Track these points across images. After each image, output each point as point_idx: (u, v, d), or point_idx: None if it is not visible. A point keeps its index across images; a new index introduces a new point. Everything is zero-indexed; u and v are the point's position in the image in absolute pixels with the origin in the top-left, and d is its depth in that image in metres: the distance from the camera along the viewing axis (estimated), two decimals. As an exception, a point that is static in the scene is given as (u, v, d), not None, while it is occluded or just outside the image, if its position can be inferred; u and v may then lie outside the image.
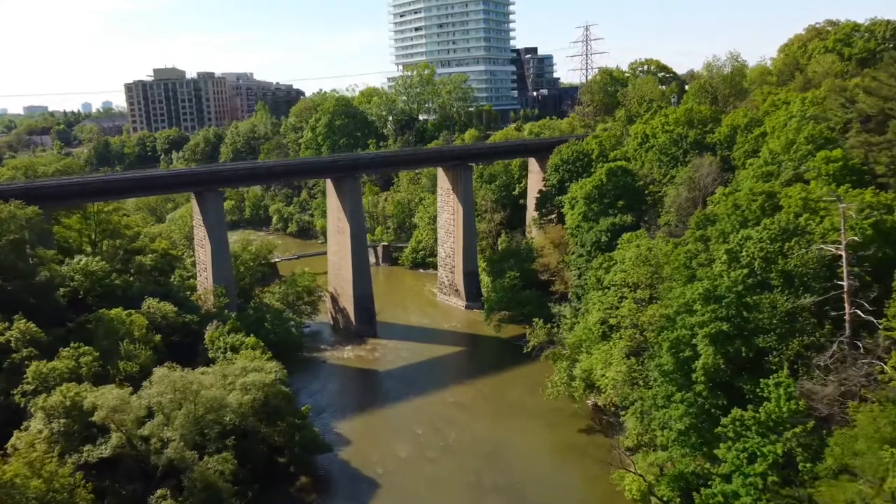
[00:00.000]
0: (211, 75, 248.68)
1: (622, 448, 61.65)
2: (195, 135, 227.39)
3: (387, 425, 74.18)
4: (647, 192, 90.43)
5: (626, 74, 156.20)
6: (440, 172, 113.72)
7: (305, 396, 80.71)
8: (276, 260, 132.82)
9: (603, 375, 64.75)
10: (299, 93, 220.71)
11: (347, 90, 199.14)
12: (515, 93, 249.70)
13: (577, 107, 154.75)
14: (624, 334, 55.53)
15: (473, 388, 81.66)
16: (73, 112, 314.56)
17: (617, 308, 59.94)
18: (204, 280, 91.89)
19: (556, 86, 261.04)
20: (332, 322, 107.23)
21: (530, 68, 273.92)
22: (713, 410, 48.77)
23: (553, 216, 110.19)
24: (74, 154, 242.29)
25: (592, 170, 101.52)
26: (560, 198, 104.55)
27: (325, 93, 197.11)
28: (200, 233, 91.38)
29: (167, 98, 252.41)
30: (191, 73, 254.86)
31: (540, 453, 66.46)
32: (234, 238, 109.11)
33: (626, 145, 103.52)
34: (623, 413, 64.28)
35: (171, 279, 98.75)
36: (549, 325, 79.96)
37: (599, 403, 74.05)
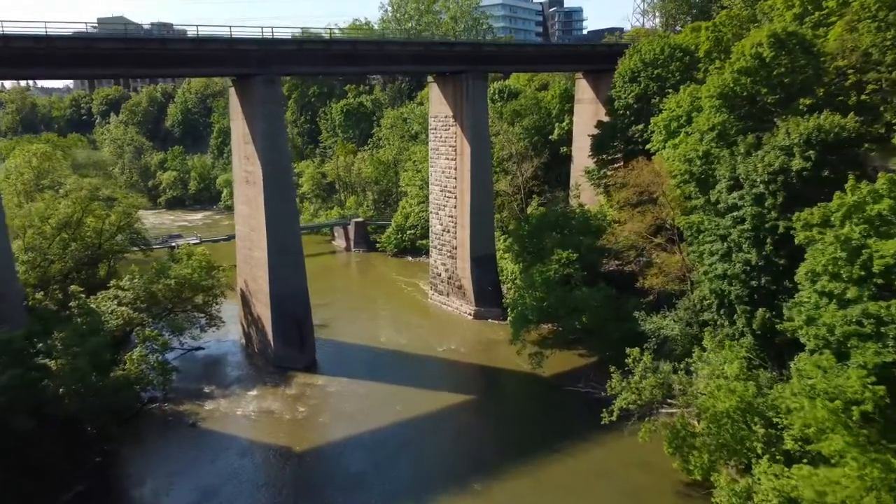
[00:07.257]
0: (168, 26, 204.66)
1: None
2: (139, 93, 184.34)
3: None
4: (845, 85, 44.93)
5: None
6: (434, 91, 68.48)
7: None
8: (175, 244, 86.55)
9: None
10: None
11: (324, 31, 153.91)
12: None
13: (636, 26, 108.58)
14: None
15: (492, 502, 36.09)
16: (22, 84, 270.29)
17: None
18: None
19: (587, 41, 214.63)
20: (242, 340, 61.90)
21: (556, 24, 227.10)
22: None
23: (618, 165, 64.66)
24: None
25: (699, 74, 57.33)
26: (638, 127, 59.68)
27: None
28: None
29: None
30: (146, 25, 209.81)
31: None
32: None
33: (770, 25, 57.82)
34: None
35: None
36: (656, 368, 34.69)
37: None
